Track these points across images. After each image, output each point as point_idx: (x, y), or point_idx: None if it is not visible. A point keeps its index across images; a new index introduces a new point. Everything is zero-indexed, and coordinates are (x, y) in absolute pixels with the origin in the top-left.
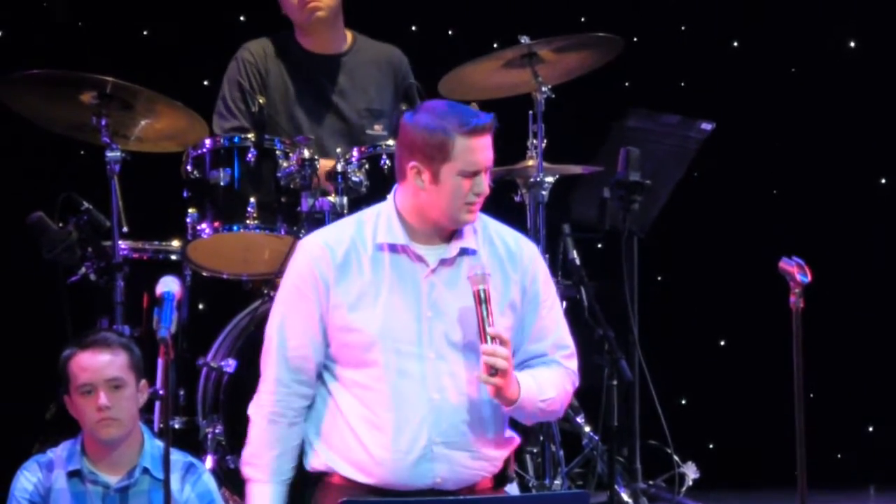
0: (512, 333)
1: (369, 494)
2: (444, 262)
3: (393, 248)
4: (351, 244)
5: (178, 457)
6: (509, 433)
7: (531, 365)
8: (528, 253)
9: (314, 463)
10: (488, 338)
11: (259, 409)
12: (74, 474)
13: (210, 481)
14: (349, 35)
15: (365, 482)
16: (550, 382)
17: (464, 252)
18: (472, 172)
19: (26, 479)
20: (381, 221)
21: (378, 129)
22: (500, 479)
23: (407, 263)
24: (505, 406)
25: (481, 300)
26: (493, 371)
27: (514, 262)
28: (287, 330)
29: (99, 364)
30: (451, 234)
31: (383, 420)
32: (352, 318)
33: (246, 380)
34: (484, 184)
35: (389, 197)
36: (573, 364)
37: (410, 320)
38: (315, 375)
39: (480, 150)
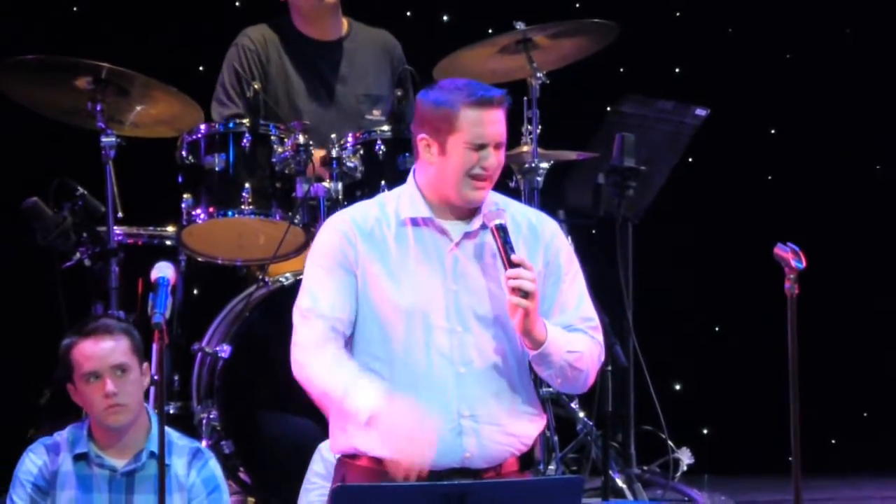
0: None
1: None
2: (467, 236)
3: (416, 223)
4: (375, 222)
5: (184, 442)
6: (537, 410)
7: None
8: (549, 228)
9: (341, 445)
10: (512, 265)
11: (314, 365)
12: (81, 458)
13: (216, 467)
14: (345, 21)
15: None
16: (577, 339)
17: (486, 226)
18: (479, 145)
19: (31, 461)
20: (403, 198)
21: (376, 114)
22: (526, 460)
23: (431, 237)
24: (533, 348)
25: (499, 234)
26: (522, 293)
27: (537, 237)
28: (321, 297)
29: (103, 351)
30: (474, 209)
31: (412, 395)
32: (380, 293)
33: (240, 365)
34: (492, 157)
35: (409, 176)
36: (599, 336)
37: (438, 294)
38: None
39: (487, 122)
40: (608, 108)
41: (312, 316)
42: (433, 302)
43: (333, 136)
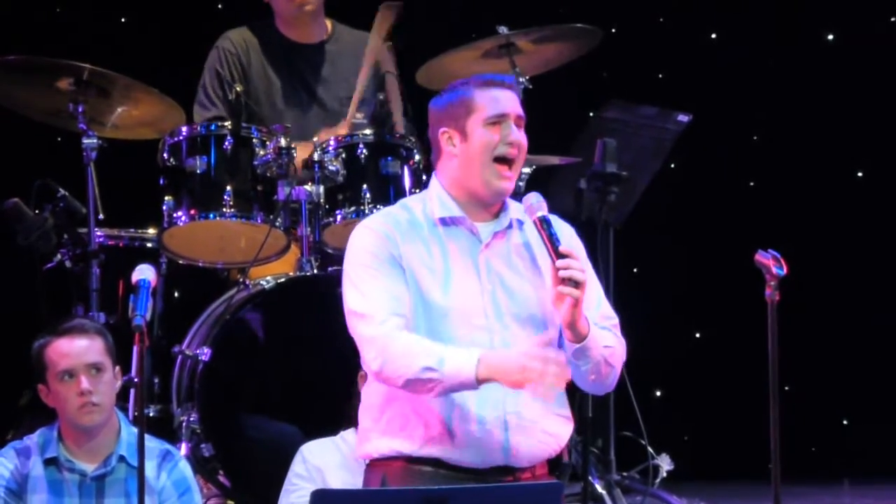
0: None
1: (440, 473)
2: (496, 236)
3: (445, 223)
4: (407, 224)
5: (154, 444)
6: (568, 413)
7: None
8: (567, 231)
9: (379, 447)
10: (560, 256)
11: (393, 347)
12: (51, 462)
13: (186, 468)
14: (329, 24)
15: (439, 458)
16: (609, 336)
17: (512, 225)
18: (498, 116)
19: (3, 465)
20: (431, 200)
21: (359, 116)
22: (554, 464)
23: (463, 237)
24: (575, 341)
25: (543, 226)
26: (573, 283)
27: None
28: (376, 295)
29: (79, 349)
30: (500, 209)
31: (460, 393)
32: (425, 290)
33: (221, 368)
34: (514, 132)
35: (432, 180)
36: (620, 335)
37: (476, 294)
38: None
39: (503, 98)
40: (591, 114)
41: (376, 317)
42: (472, 301)
43: (316, 139)
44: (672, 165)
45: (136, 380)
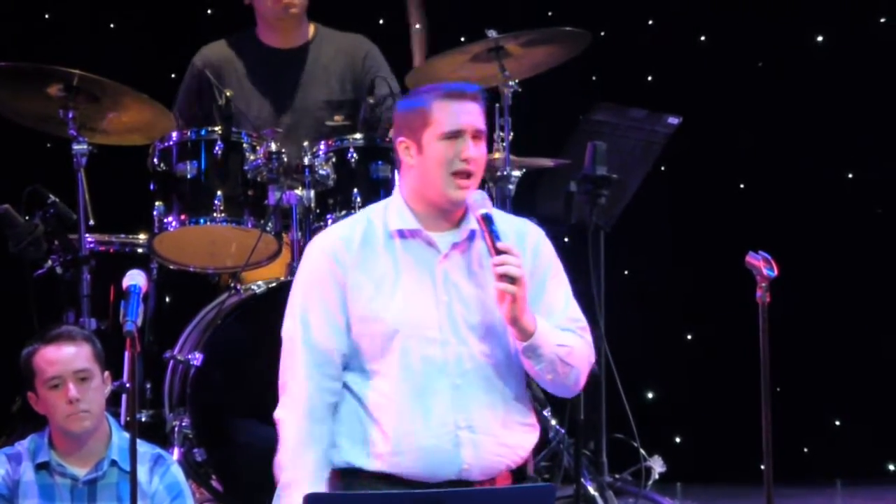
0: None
1: (394, 486)
2: (455, 247)
3: (404, 235)
4: (363, 236)
5: (145, 448)
6: (532, 421)
7: None
8: (532, 233)
9: (335, 460)
10: (498, 252)
11: (292, 409)
12: (42, 466)
13: (178, 473)
14: (312, 27)
15: (390, 473)
16: (567, 335)
17: (473, 235)
18: (453, 133)
19: None
20: (390, 211)
21: (338, 119)
22: (519, 475)
23: (420, 249)
24: (522, 339)
25: (485, 223)
26: (509, 279)
27: (522, 243)
28: (311, 324)
29: (66, 356)
30: (460, 219)
31: (409, 408)
32: (372, 308)
33: (212, 373)
34: (471, 148)
35: (395, 189)
36: (589, 337)
37: (430, 306)
38: (340, 368)
39: (460, 112)
40: (580, 117)
41: (300, 344)
42: (425, 315)
43: (306, 143)
44: (662, 168)
45: (127, 385)
